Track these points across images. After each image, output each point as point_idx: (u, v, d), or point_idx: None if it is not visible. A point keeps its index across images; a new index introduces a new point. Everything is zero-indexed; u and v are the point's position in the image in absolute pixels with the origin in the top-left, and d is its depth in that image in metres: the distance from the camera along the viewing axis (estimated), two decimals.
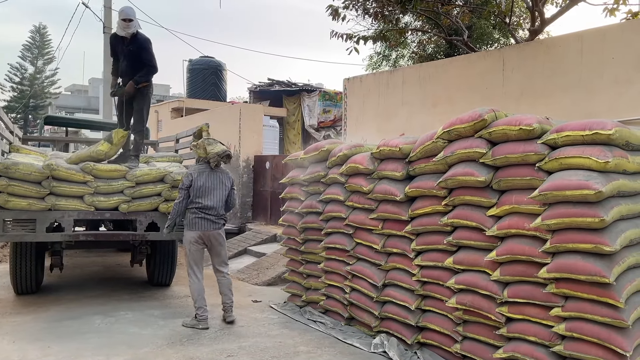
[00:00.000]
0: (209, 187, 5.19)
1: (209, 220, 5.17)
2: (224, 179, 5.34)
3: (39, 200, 5.39)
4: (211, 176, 5.24)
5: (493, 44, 12.94)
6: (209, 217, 5.16)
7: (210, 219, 5.17)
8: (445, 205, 4.16)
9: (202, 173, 5.21)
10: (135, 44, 5.94)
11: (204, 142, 5.30)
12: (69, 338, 4.73)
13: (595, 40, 5.49)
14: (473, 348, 3.94)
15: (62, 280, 7.21)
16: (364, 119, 8.38)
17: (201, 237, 5.17)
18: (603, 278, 3.11)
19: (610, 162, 3.22)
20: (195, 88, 17.29)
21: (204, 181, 5.19)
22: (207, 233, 5.17)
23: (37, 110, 38.43)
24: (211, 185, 5.21)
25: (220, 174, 5.33)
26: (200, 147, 5.29)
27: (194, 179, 5.17)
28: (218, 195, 5.23)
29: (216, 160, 5.21)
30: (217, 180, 5.26)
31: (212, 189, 5.20)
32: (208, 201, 5.16)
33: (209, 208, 5.16)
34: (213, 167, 5.26)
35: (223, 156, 5.23)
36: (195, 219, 5.14)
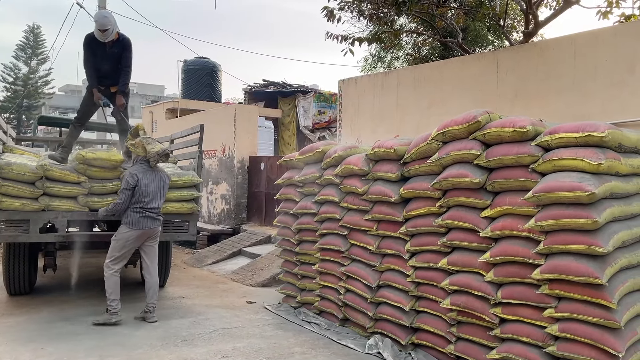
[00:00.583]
0: (152, 186, 5.30)
1: (153, 219, 5.32)
2: (164, 177, 5.48)
3: (32, 200, 5.37)
4: (153, 175, 5.35)
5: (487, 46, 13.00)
6: (152, 216, 5.30)
7: (153, 216, 5.32)
8: (440, 207, 4.18)
9: (145, 172, 5.29)
10: (118, 47, 5.86)
11: (142, 141, 5.33)
12: (62, 339, 4.71)
13: (589, 43, 5.52)
14: (467, 349, 3.95)
15: (55, 281, 7.17)
16: (359, 121, 8.39)
17: (142, 236, 5.30)
18: (596, 279, 3.13)
19: (603, 164, 3.24)
20: (190, 89, 17.24)
21: (148, 181, 5.27)
22: (149, 232, 5.33)
23: (31, 111, 38.25)
24: (154, 184, 5.32)
25: (160, 172, 5.45)
26: (138, 146, 5.33)
27: (139, 179, 5.23)
28: (160, 194, 5.38)
29: (156, 160, 5.28)
30: (159, 179, 5.39)
31: (155, 188, 5.32)
32: (152, 201, 5.29)
33: (153, 207, 5.29)
34: (152, 166, 5.33)
35: (162, 155, 5.29)
36: (140, 217, 5.24)
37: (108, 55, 5.88)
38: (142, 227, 5.26)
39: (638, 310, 3.31)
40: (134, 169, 5.33)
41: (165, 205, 5.82)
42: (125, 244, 5.28)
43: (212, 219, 12.13)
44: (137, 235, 5.27)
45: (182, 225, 6.06)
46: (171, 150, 5.49)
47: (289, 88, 15.70)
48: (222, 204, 11.84)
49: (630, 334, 3.23)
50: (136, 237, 5.28)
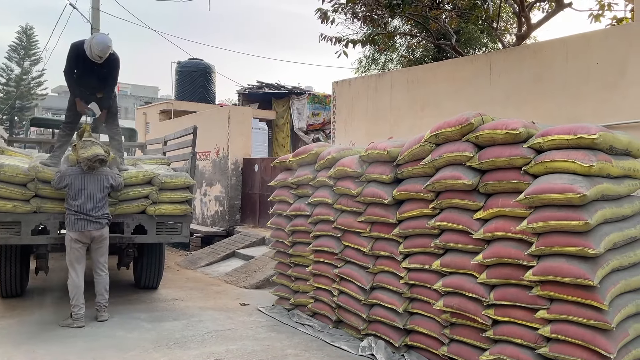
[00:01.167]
0: (87, 190, 5.25)
1: (90, 222, 5.26)
2: (104, 180, 5.36)
3: (24, 202, 5.34)
4: (90, 178, 5.29)
5: (481, 48, 13.06)
6: (87, 218, 5.25)
7: (90, 219, 5.26)
8: (433, 209, 4.19)
9: (78, 176, 5.28)
10: (108, 66, 5.63)
11: (78, 144, 5.33)
12: (54, 342, 4.68)
13: (581, 45, 5.56)
14: (460, 350, 3.96)
15: (47, 283, 7.13)
16: (353, 122, 8.40)
17: (82, 238, 5.28)
18: (587, 281, 3.14)
19: (594, 166, 3.26)
20: (184, 90, 17.20)
21: (80, 184, 5.25)
22: (88, 234, 5.29)
23: (23, 112, 38.04)
24: (90, 187, 5.27)
25: (100, 175, 5.36)
26: (75, 150, 5.34)
27: (70, 182, 5.24)
28: (97, 197, 5.31)
29: (87, 165, 5.25)
30: (97, 182, 5.31)
31: (90, 191, 5.26)
32: (86, 204, 5.24)
33: (87, 211, 5.25)
34: (85, 170, 5.29)
35: (94, 161, 5.23)
36: (75, 220, 5.23)
37: (95, 71, 5.62)
38: (77, 229, 5.24)
39: (629, 311, 3.33)
40: (68, 171, 5.33)
41: (159, 207, 5.81)
42: (69, 247, 5.29)
43: (206, 221, 12.10)
44: (75, 237, 5.24)
45: (175, 227, 6.05)
46: (105, 154, 5.33)
47: (283, 90, 15.69)
48: (216, 206, 11.81)
49: (622, 335, 3.24)
50: (76, 240, 5.25)
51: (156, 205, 5.80)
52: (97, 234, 5.33)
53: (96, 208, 5.28)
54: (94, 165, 5.27)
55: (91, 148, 5.29)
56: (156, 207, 5.80)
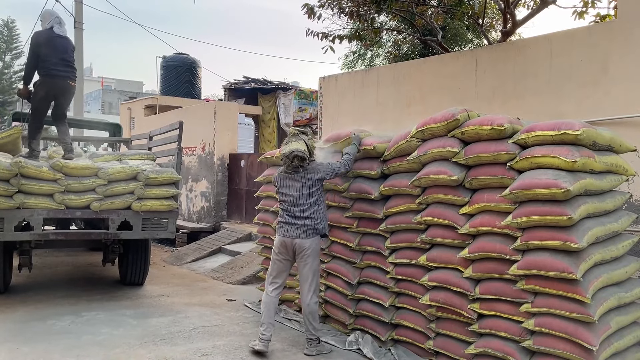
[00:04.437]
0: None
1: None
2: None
3: (6, 198, 5.27)
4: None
5: (466, 44, 13.13)
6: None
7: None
8: (419, 204, 4.21)
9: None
10: None
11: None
12: (38, 339, 4.63)
13: (564, 42, 5.62)
14: (445, 344, 4.00)
15: (31, 280, 7.05)
16: (340, 118, 8.41)
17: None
18: (570, 274, 3.19)
19: (577, 161, 3.30)
20: (169, 85, 17.07)
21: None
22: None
23: (5, 106, 37.41)
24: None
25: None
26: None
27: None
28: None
29: (286, 162, 4.57)
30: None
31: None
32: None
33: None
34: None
35: (292, 157, 4.48)
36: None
37: None
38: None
39: (611, 304, 3.39)
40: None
41: (144, 203, 5.76)
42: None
43: (192, 217, 12.04)
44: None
45: (161, 223, 6.01)
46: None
47: (270, 85, 15.64)
48: (202, 202, 11.75)
49: (604, 328, 3.30)
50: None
51: (142, 201, 5.76)
52: (300, 242, 4.45)
53: (300, 216, 4.47)
54: (292, 163, 4.48)
55: (291, 144, 4.53)
56: (142, 202, 5.75)
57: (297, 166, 4.48)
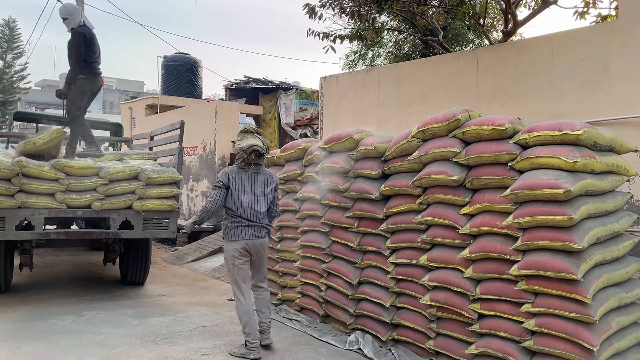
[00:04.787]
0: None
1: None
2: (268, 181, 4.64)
3: (8, 197, 5.27)
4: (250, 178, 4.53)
5: (467, 44, 13.13)
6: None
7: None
8: (420, 204, 4.22)
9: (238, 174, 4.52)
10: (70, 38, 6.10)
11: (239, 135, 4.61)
12: (39, 338, 4.64)
13: (566, 42, 5.62)
14: (446, 344, 4.00)
15: (32, 279, 7.06)
16: (340, 118, 8.41)
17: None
18: (571, 275, 3.19)
19: (578, 161, 3.30)
20: (170, 85, 17.07)
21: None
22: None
23: (6, 106, 37.43)
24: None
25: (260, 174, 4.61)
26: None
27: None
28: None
29: (242, 157, 4.48)
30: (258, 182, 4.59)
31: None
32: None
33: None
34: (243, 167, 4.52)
35: (250, 152, 4.45)
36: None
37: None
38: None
39: (612, 304, 3.39)
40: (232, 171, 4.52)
41: (145, 202, 5.77)
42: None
43: (193, 216, 12.03)
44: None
45: (162, 223, 6.01)
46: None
47: (271, 85, 15.64)
48: (203, 201, 11.76)
49: (605, 328, 3.30)
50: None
51: (143, 201, 5.77)
52: (261, 240, 4.51)
53: (259, 213, 4.48)
54: (250, 159, 4.45)
55: (248, 139, 4.51)
56: (143, 202, 5.76)
57: (252, 163, 4.47)
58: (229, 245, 4.44)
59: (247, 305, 4.37)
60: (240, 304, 4.36)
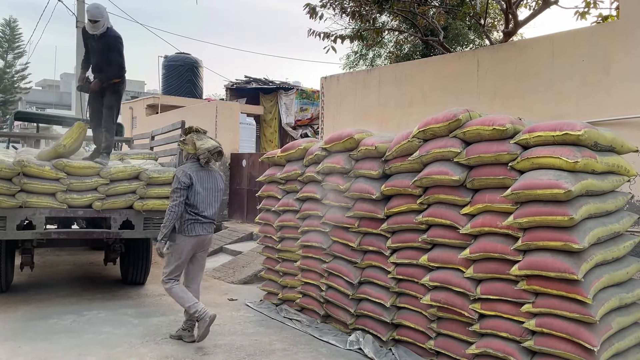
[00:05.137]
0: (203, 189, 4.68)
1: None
2: (219, 181, 4.84)
3: (9, 197, 5.28)
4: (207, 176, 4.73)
5: (468, 44, 13.13)
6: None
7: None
8: (420, 204, 4.22)
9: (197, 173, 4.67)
10: (104, 42, 5.79)
11: (193, 136, 4.82)
12: (39, 338, 4.64)
13: (566, 43, 5.61)
14: (446, 344, 4.00)
15: (32, 279, 7.07)
16: (341, 118, 8.41)
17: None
18: (571, 275, 3.19)
19: (579, 162, 3.30)
20: (171, 85, 17.10)
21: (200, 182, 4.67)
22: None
23: (7, 106, 37.44)
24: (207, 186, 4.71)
25: (213, 172, 4.82)
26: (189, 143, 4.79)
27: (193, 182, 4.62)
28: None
29: (206, 157, 4.69)
30: (214, 181, 4.77)
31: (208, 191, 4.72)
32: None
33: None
34: (203, 165, 4.73)
35: (214, 153, 4.72)
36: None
37: (96, 48, 5.85)
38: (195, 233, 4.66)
39: (612, 305, 3.39)
40: (189, 169, 4.68)
41: (146, 202, 5.77)
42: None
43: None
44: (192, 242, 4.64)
45: None
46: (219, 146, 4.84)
47: (271, 85, 15.65)
48: None
49: (605, 329, 3.30)
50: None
51: (144, 201, 5.77)
52: (210, 236, 4.77)
53: (213, 210, 4.71)
54: (212, 158, 4.71)
55: (208, 140, 4.77)
56: (144, 202, 5.76)
57: (208, 162, 4.72)
58: (183, 240, 4.59)
59: (180, 286, 4.61)
60: (175, 288, 4.58)
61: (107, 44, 5.81)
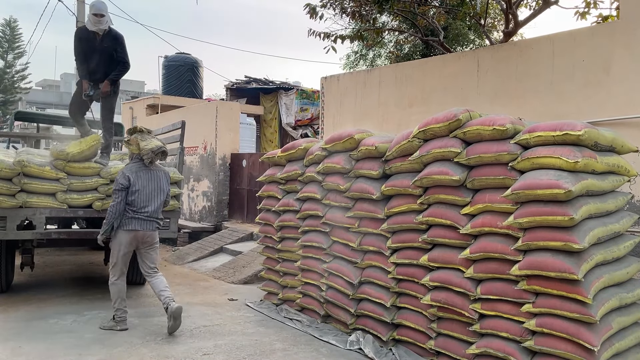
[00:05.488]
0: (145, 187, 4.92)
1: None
2: (163, 180, 5.08)
3: (9, 197, 5.29)
4: (150, 175, 4.97)
5: (468, 45, 13.13)
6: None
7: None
8: (421, 204, 4.22)
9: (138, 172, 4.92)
10: (109, 40, 5.75)
11: (137, 137, 5.00)
12: (40, 338, 4.64)
13: (567, 43, 5.62)
14: (447, 344, 4.00)
15: (33, 279, 7.07)
16: (341, 118, 8.41)
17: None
18: (572, 275, 3.19)
19: (579, 162, 3.30)
20: (171, 85, 17.09)
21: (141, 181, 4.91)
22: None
23: (7, 106, 37.46)
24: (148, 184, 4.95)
25: (158, 171, 5.06)
26: (134, 143, 4.97)
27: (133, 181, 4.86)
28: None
29: (149, 158, 4.91)
30: (157, 180, 5.01)
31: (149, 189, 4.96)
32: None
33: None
34: (147, 164, 4.95)
35: (157, 153, 4.92)
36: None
37: (98, 49, 5.75)
38: (132, 228, 4.89)
39: (612, 305, 3.39)
40: (129, 169, 4.93)
41: None
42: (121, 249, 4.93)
43: (193, 216, 12.05)
44: (129, 237, 4.88)
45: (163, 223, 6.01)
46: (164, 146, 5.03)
47: (271, 85, 15.65)
48: (204, 201, 11.77)
49: (605, 329, 3.30)
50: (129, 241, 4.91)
51: None
52: (151, 233, 4.98)
53: (154, 208, 4.94)
54: (156, 158, 4.95)
55: (152, 140, 4.95)
56: None
57: (152, 162, 4.93)
58: (121, 234, 4.86)
59: (121, 285, 4.94)
60: (116, 284, 4.93)
61: (114, 42, 5.78)
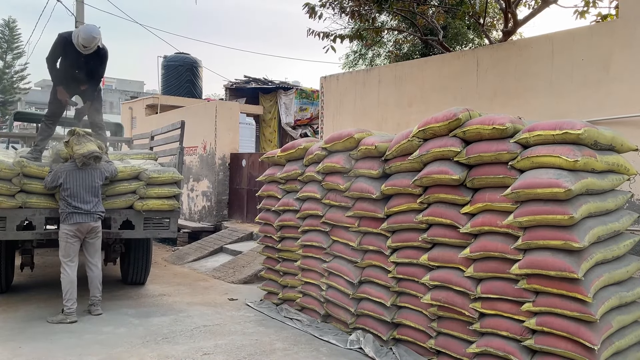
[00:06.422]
0: (79, 186, 5.29)
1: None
2: (96, 176, 5.41)
3: (9, 197, 5.28)
4: (83, 174, 5.31)
5: (467, 44, 13.13)
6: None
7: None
8: (420, 203, 4.22)
9: (71, 172, 5.29)
10: (96, 59, 5.59)
11: (72, 140, 5.34)
12: (40, 338, 4.64)
13: (566, 42, 5.62)
14: (447, 343, 4.00)
15: (32, 279, 7.07)
16: (341, 117, 8.41)
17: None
18: (572, 274, 3.19)
19: (579, 161, 3.30)
20: (170, 85, 17.09)
21: (73, 180, 5.26)
22: (84, 225, 5.30)
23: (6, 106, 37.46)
24: (82, 183, 5.31)
25: (93, 170, 5.38)
26: (69, 145, 5.34)
27: (65, 180, 5.26)
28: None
29: (81, 161, 5.26)
30: (90, 177, 5.35)
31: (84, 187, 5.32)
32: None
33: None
34: (79, 166, 5.29)
35: (89, 157, 5.27)
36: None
37: (81, 63, 5.59)
38: (72, 221, 5.23)
39: (613, 303, 3.40)
40: (61, 168, 5.32)
41: (146, 202, 5.77)
42: (64, 242, 5.28)
43: (193, 216, 12.05)
44: (70, 230, 5.23)
45: (162, 223, 6.01)
46: (100, 150, 5.37)
47: (271, 84, 15.65)
48: (203, 201, 11.77)
49: (605, 327, 3.30)
50: (71, 234, 5.25)
51: (143, 201, 5.77)
52: (94, 225, 5.33)
53: (92, 203, 5.31)
54: (89, 162, 5.29)
55: (86, 144, 5.30)
56: (143, 202, 5.76)
57: (85, 164, 5.28)
58: (64, 227, 5.24)
59: (71, 277, 5.23)
60: (66, 275, 5.23)
61: (100, 61, 5.66)
